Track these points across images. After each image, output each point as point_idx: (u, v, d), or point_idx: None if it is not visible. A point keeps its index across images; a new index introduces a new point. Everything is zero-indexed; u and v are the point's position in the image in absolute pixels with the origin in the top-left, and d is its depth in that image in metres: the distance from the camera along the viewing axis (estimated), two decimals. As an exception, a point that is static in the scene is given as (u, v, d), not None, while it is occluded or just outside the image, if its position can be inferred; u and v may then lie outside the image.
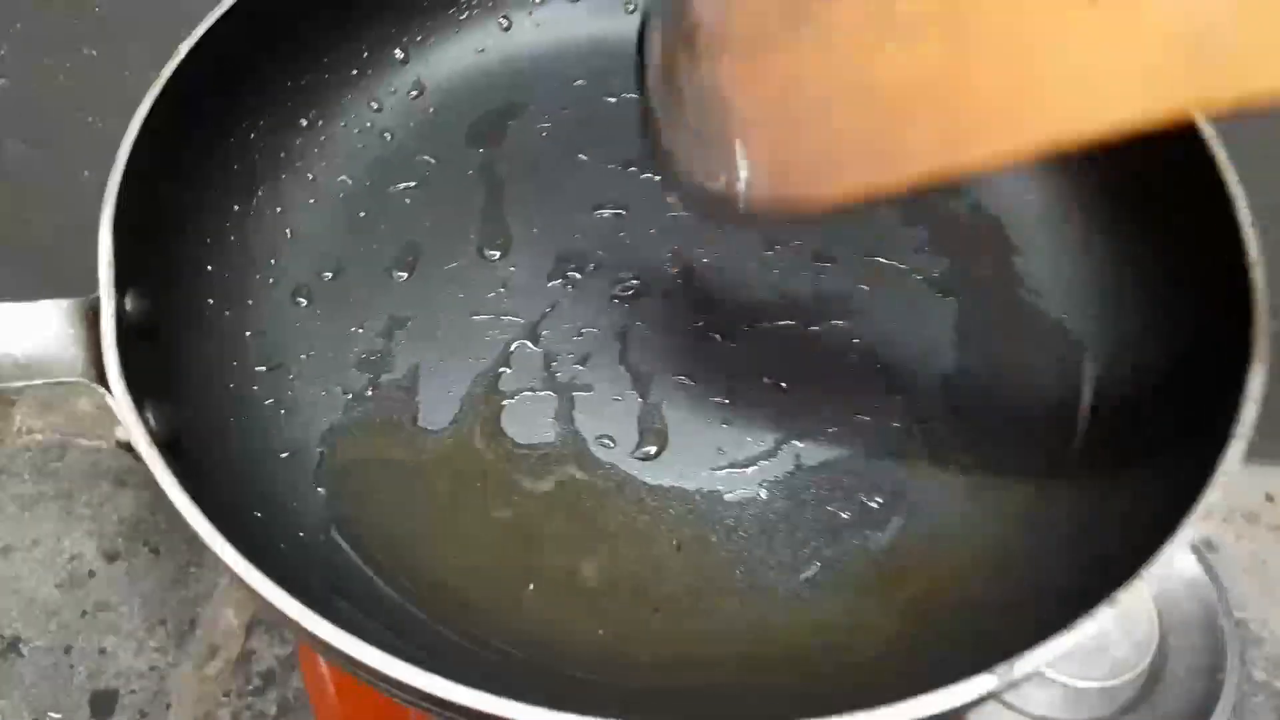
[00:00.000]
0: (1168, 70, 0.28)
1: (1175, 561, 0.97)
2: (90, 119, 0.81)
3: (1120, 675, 0.90)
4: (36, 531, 0.92)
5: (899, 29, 0.31)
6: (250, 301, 0.50)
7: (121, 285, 0.43)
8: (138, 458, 0.39)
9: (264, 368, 0.49)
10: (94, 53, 0.77)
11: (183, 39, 0.48)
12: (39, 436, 0.97)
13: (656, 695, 0.41)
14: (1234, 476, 1.02)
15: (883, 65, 0.32)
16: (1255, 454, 1.07)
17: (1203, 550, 0.99)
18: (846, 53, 0.33)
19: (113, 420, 0.40)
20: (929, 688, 0.34)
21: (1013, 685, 0.35)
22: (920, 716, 0.33)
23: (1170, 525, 0.37)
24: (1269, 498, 1.04)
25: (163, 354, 0.45)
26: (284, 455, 0.47)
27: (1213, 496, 0.38)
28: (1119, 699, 0.92)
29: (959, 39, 0.30)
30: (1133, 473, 0.44)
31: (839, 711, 0.33)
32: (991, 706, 0.91)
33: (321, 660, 0.65)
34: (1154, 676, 0.94)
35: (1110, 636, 0.92)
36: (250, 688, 0.85)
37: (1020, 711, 0.91)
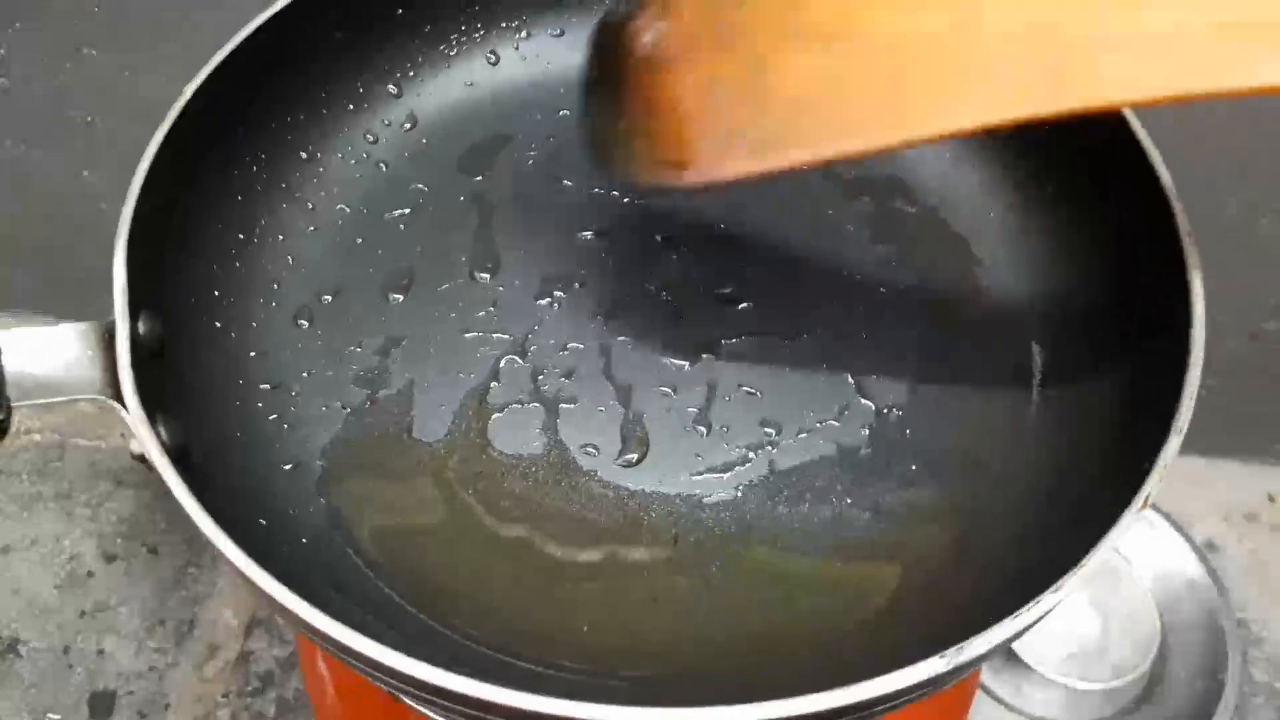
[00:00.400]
0: (1009, 79, 0.37)
1: (1177, 562, 0.98)
2: (90, 119, 0.82)
3: (1122, 676, 0.91)
4: (36, 531, 0.92)
5: (795, 40, 0.41)
6: (255, 324, 0.53)
7: (134, 310, 0.45)
8: (150, 468, 0.42)
9: (268, 385, 0.51)
10: (94, 53, 0.78)
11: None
12: (38, 437, 0.96)
13: (633, 685, 0.43)
14: (1235, 476, 1.03)
15: (782, 69, 0.41)
16: (1255, 454, 1.08)
17: (1204, 551, 1.00)
18: (754, 59, 0.42)
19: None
20: (881, 671, 0.36)
21: (961, 669, 0.37)
22: (874, 696, 0.36)
23: (1109, 522, 0.39)
24: (1269, 498, 1.05)
25: (173, 373, 0.48)
26: (287, 467, 0.49)
27: (1151, 489, 0.40)
28: (1121, 700, 0.93)
29: (843, 48, 0.40)
30: (1081, 470, 0.46)
31: (792, 695, 0.35)
32: (992, 706, 0.92)
33: (321, 661, 0.67)
34: (1155, 677, 0.95)
35: (1112, 638, 0.93)
36: (249, 688, 0.85)
37: (1022, 713, 0.92)
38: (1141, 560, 0.98)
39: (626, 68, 0.46)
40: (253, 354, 0.52)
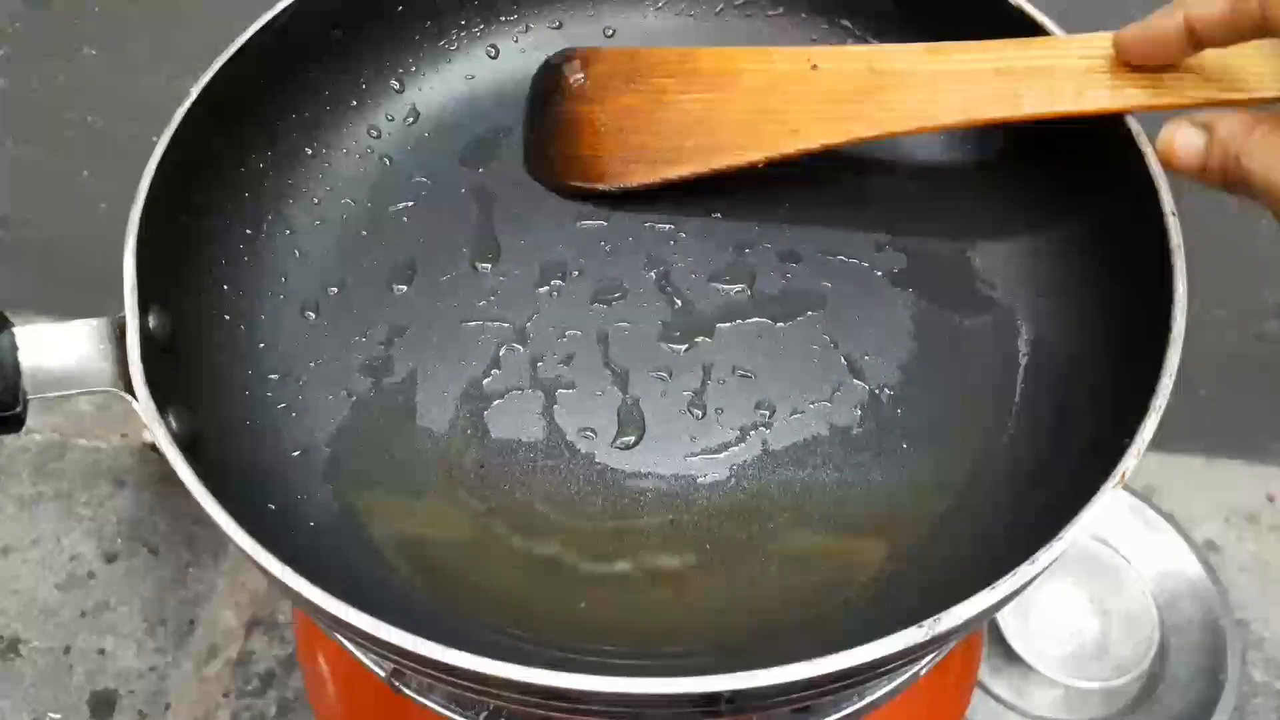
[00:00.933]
0: (837, 116, 0.52)
1: (1177, 562, 0.99)
2: (90, 119, 0.83)
3: (1122, 676, 0.92)
4: (36, 531, 0.91)
5: (685, 81, 0.55)
6: (263, 316, 0.54)
7: (144, 306, 0.47)
8: (162, 457, 0.43)
9: (276, 375, 0.52)
10: (94, 53, 0.79)
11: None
12: (39, 436, 0.96)
13: (633, 661, 0.44)
14: (1235, 476, 1.03)
15: (675, 103, 0.55)
16: (1255, 454, 1.09)
17: (1204, 551, 1.01)
18: (655, 95, 0.56)
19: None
20: (863, 640, 0.37)
21: (940, 639, 0.38)
22: (853, 665, 0.37)
23: (1088, 496, 0.40)
24: (1269, 498, 1.05)
25: (183, 365, 0.49)
26: (295, 454, 0.50)
27: (1128, 466, 0.41)
28: (1120, 699, 0.94)
29: (720, 89, 0.55)
30: (1066, 450, 0.47)
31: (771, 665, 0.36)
32: (992, 705, 0.93)
33: (322, 660, 0.67)
34: (1155, 677, 0.95)
35: (1112, 637, 0.94)
36: (250, 688, 0.85)
37: (1022, 712, 0.93)
38: (1142, 560, 0.99)
39: (561, 99, 0.58)
40: (261, 345, 0.53)
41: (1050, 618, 0.94)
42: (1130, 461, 0.41)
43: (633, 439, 0.50)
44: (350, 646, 0.54)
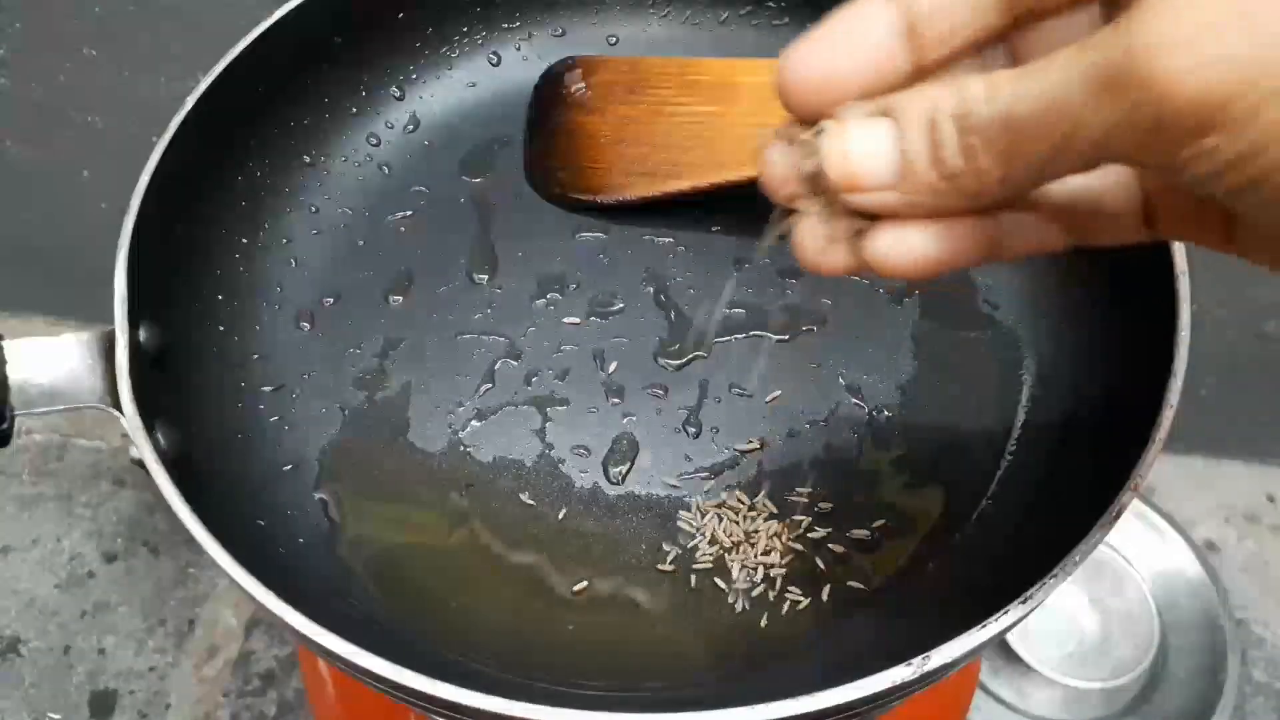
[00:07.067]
0: None
1: (1177, 562, 0.98)
2: (90, 119, 0.82)
3: (1122, 676, 0.91)
4: (36, 531, 0.91)
5: (688, 91, 0.55)
6: (257, 327, 0.54)
7: (135, 319, 0.46)
8: (149, 473, 0.43)
9: (269, 388, 0.52)
10: (94, 53, 0.79)
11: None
12: (39, 436, 0.95)
13: (619, 693, 0.44)
14: (1235, 476, 1.02)
15: (677, 114, 0.55)
16: (1255, 454, 1.08)
17: (1203, 551, 1.00)
18: (657, 105, 0.55)
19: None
20: (851, 678, 0.36)
21: (930, 676, 0.37)
22: (844, 702, 0.36)
23: (1083, 530, 0.40)
24: (1269, 498, 1.04)
25: (174, 378, 0.49)
26: (286, 468, 0.50)
27: (1125, 501, 0.40)
28: (1120, 699, 0.93)
29: (720, 101, 0.54)
30: (1065, 480, 0.47)
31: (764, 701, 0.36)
32: (992, 706, 0.93)
33: (321, 660, 0.67)
34: (1155, 677, 0.95)
35: (1112, 637, 0.93)
36: (250, 688, 0.84)
37: (1022, 712, 0.92)
38: (1141, 560, 0.99)
39: (562, 109, 0.58)
40: (255, 357, 0.53)
41: (1050, 618, 0.94)
42: (1126, 497, 0.40)
43: (626, 459, 0.50)
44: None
